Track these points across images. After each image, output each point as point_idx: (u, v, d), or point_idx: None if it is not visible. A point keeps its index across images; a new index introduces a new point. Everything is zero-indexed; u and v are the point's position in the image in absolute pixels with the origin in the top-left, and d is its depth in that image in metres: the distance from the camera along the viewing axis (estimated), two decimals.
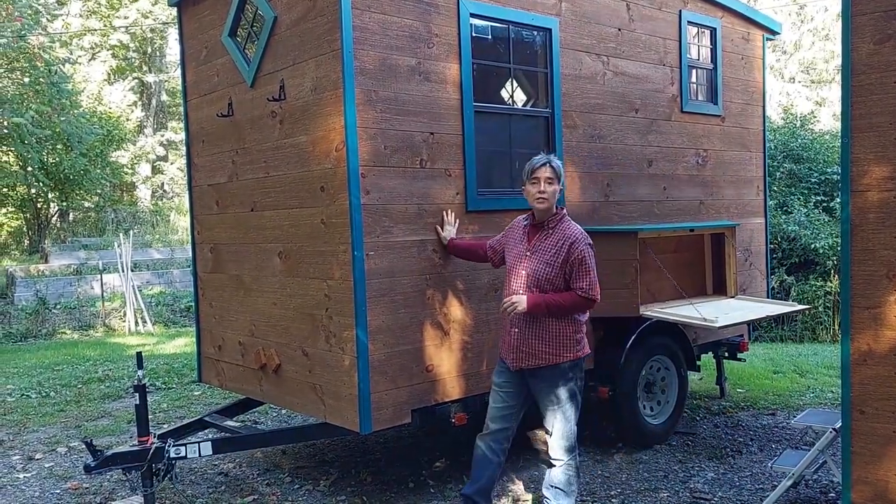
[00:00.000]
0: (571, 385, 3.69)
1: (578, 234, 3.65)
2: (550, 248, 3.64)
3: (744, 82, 6.31)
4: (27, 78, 17.62)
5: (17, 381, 8.21)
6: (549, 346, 3.63)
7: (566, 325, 3.65)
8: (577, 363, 3.72)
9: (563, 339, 3.64)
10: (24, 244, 20.96)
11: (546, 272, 3.61)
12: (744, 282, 6.17)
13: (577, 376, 3.72)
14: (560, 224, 3.70)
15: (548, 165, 3.68)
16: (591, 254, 3.63)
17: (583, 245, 3.61)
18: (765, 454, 5.09)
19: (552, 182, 3.68)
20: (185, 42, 5.33)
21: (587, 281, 3.59)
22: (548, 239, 3.67)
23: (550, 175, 3.67)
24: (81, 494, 4.62)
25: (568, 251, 3.59)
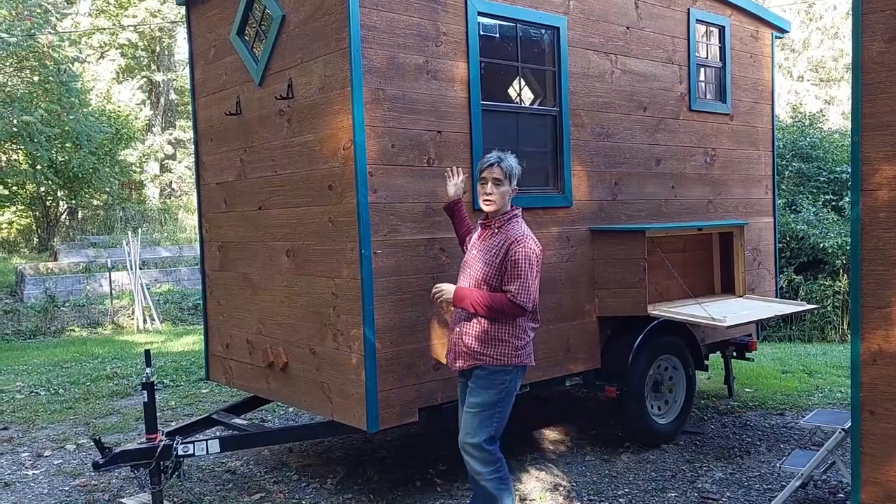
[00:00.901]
0: (498, 392, 3.43)
1: (519, 236, 3.44)
2: (492, 248, 3.48)
3: (752, 81, 6.28)
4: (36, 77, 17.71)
5: (26, 378, 8.25)
6: (486, 347, 3.44)
7: (507, 328, 3.43)
8: (512, 371, 3.46)
9: (501, 343, 3.43)
10: (34, 242, 21.07)
11: (485, 272, 3.45)
12: (752, 281, 6.15)
13: (507, 385, 3.45)
14: (507, 224, 3.52)
15: (497, 166, 3.51)
16: (527, 257, 3.39)
17: (520, 247, 3.40)
18: (773, 454, 5.07)
19: (500, 183, 3.50)
20: (193, 41, 5.34)
21: (517, 284, 3.37)
22: (492, 238, 3.52)
23: (499, 175, 3.50)
24: (90, 491, 4.64)
25: (506, 252, 3.42)
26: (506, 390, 3.45)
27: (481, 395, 3.44)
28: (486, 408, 3.43)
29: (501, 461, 3.49)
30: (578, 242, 4.95)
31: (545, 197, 4.80)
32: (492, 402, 3.43)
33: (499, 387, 3.44)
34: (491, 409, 3.44)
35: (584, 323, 5.00)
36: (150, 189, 25.97)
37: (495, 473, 3.45)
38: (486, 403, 3.43)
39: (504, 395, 3.45)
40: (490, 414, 3.43)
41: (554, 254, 4.81)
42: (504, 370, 3.44)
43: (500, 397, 3.44)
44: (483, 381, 3.45)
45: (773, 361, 8.20)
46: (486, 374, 3.44)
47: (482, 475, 3.44)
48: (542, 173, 4.89)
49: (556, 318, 4.82)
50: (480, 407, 3.44)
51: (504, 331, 3.44)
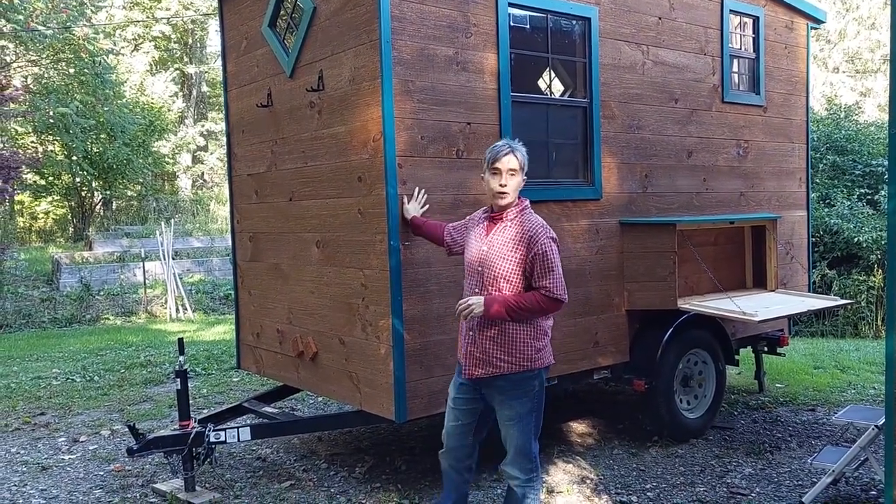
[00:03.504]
0: (530, 398, 3.29)
1: (539, 228, 3.25)
2: (508, 242, 3.26)
3: (787, 72, 6.18)
4: (72, 69, 18.03)
5: (62, 365, 8.44)
6: (506, 353, 3.25)
7: (527, 329, 3.26)
8: (538, 374, 3.30)
9: (522, 346, 3.25)
10: (69, 232, 21.50)
11: (503, 268, 3.24)
12: (784, 275, 6.06)
13: (536, 389, 3.30)
14: (520, 216, 3.31)
15: (512, 155, 3.29)
16: (553, 249, 3.22)
17: (544, 239, 3.21)
18: (804, 450, 5.01)
19: (515, 174, 3.30)
20: (225, 33, 5.40)
21: (551, 279, 3.18)
22: (506, 232, 3.29)
23: (514, 166, 3.29)
24: (124, 476, 4.74)
25: (528, 246, 3.20)
26: (537, 395, 3.31)
27: (515, 407, 3.29)
28: (524, 418, 3.29)
29: (538, 469, 3.40)
30: (608, 235, 4.93)
31: (575, 189, 4.78)
32: (528, 411, 3.30)
33: (529, 393, 3.28)
34: (528, 417, 3.30)
35: (613, 316, 4.98)
36: (183, 180, 26.34)
37: (530, 483, 3.36)
38: (522, 414, 3.29)
39: (536, 399, 3.31)
40: (528, 422, 3.30)
41: (583, 246, 4.79)
42: (530, 375, 3.27)
43: (533, 403, 3.30)
44: (513, 392, 3.28)
45: (805, 357, 8.09)
46: (513, 383, 3.27)
47: (518, 480, 3.35)
48: (571, 165, 4.87)
49: (585, 312, 4.80)
50: (518, 418, 3.29)
51: (524, 333, 3.25)
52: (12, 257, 14.17)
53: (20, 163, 14.15)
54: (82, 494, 4.47)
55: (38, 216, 22.87)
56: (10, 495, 4.47)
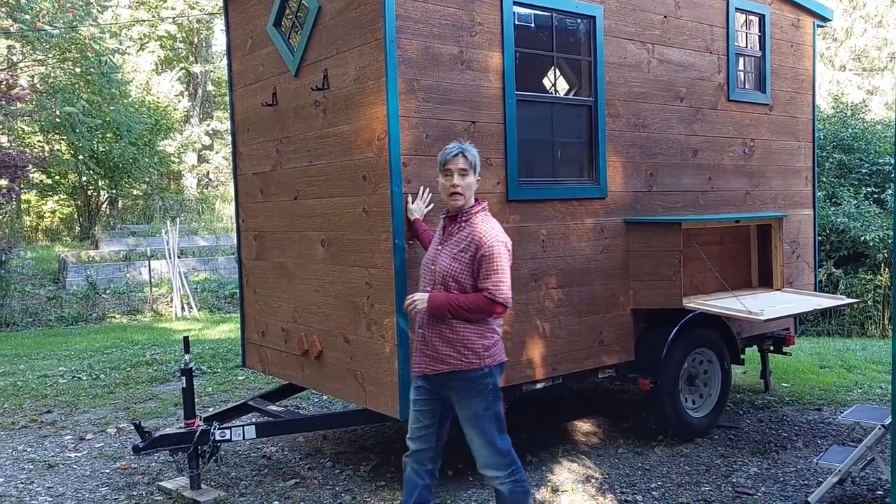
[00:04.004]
0: (484, 397, 3.26)
1: (489, 230, 3.25)
2: (459, 243, 3.28)
3: (793, 70, 6.16)
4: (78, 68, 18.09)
5: (68, 364, 8.48)
6: (454, 350, 3.24)
7: (473, 328, 3.25)
8: (489, 372, 3.28)
9: (469, 344, 3.24)
10: (76, 230, 21.58)
11: (452, 268, 3.26)
12: (791, 274, 6.05)
13: (490, 387, 3.28)
14: (474, 218, 3.32)
15: (461, 155, 3.31)
16: (501, 252, 3.21)
17: (492, 241, 3.21)
18: (810, 450, 4.99)
19: (466, 174, 3.31)
20: (231, 32, 5.41)
21: (494, 280, 3.18)
22: (459, 233, 3.31)
23: (464, 166, 3.30)
24: (130, 474, 4.76)
25: (476, 247, 3.22)
26: (491, 393, 3.29)
27: (472, 407, 3.29)
28: (481, 417, 3.29)
29: (517, 464, 3.36)
30: (613, 234, 4.92)
31: (580, 188, 4.77)
32: (484, 409, 3.29)
33: (483, 392, 3.28)
34: (485, 415, 3.29)
35: (618, 315, 4.97)
36: (188, 179, 26.39)
37: (511, 476, 3.32)
38: (479, 413, 3.29)
39: (491, 397, 3.30)
40: (487, 420, 3.29)
41: (588, 245, 4.79)
42: (482, 374, 3.27)
43: (488, 401, 3.28)
44: (466, 392, 3.29)
45: (811, 356, 8.07)
46: (465, 382, 3.28)
47: (498, 478, 3.33)
48: (576, 164, 4.86)
49: (590, 310, 4.80)
50: (475, 418, 3.29)
51: (470, 331, 3.25)
52: (19, 256, 14.24)
53: (27, 162, 14.21)
54: (88, 492, 4.48)
55: (45, 215, 22.95)
56: (17, 492, 4.49)
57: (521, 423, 5.47)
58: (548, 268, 4.58)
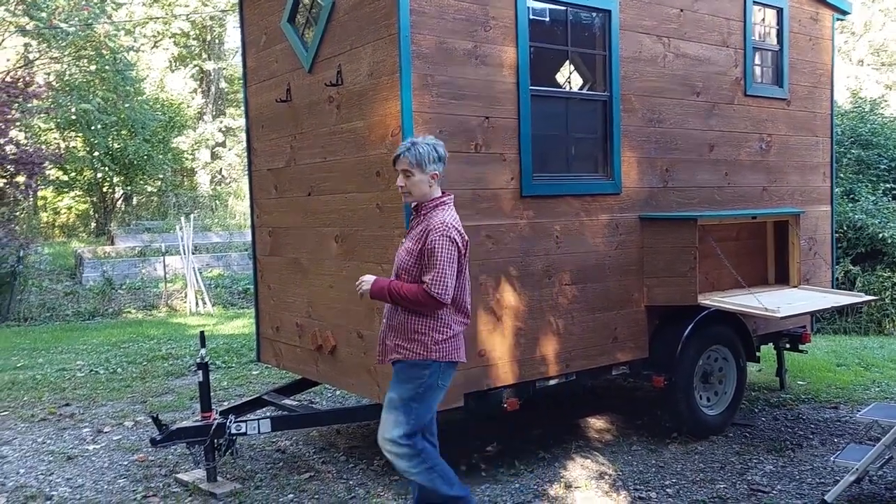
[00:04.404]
0: (414, 386, 3.28)
1: (439, 225, 3.25)
2: (415, 236, 3.33)
3: (811, 64, 6.10)
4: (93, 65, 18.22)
5: (86, 358, 8.55)
6: (405, 340, 3.30)
7: (427, 322, 3.28)
8: (430, 365, 3.28)
9: (420, 336, 3.27)
10: (91, 227, 21.74)
11: (405, 261, 3.32)
12: (807, 271, 5.99)
13: (424, 379, 3.28)
14: (432, 212, 3.34)
15: (403, 156, 3.33)
16: (444, 247, 3.20)
17: (436, 235, 3.21)
18: (826, 448, 4.95)
19: (409, 174, 3.33)
20: (245, 28, 5.42)
21: (431, 275, 3.19)
22: (417, 227, 3.36)
23: (406, 166, 3.32)
24: (147, 466, 4.80)
25: (423, 241, 3.25)
26: (424, 385, 3.28)
27: (396, 390, 3.32)
28: (401, 403, 3.30)
29: (425, 451, 3.36)
30: (627, 230, 4.89)
31: (594, 184, 4.75)
32: (407, 398, 3.29)
33: (415, 381, 3.28)
34: (406, 404, 3.29)
35: (632, 312, 4.95)
36: (202, 176, 26.51)
37: (421, 465, 3.32)
38: (400, 398, 3.30)
39: (422, 389, 3.29)
40: (406, 410, 3.29)
41: (602, 241, 4.77)
42: (422, 364, 3.27)
43: (416, 392, 3.28)
44: (400, 376, 3.32)
45: (828, 354, 8.00)
46: (403, 367, 3.31)
47: (408, 471, 3.35)
48: (591, 159, 4.84)
49: (604, 307, 4.78)
50: (394, 402, 3.31)
51: (423, 324, 3.28)
52: (36, 252, 14.37)
53: (43, 158, 14.34)
54: (107, 483, 4.52)
55: (61, 211, 23.14)
56: (38, 483, 4.54)
57: (534, 420, 5.47)
58: (562, 264, 4.57)
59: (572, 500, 4.15)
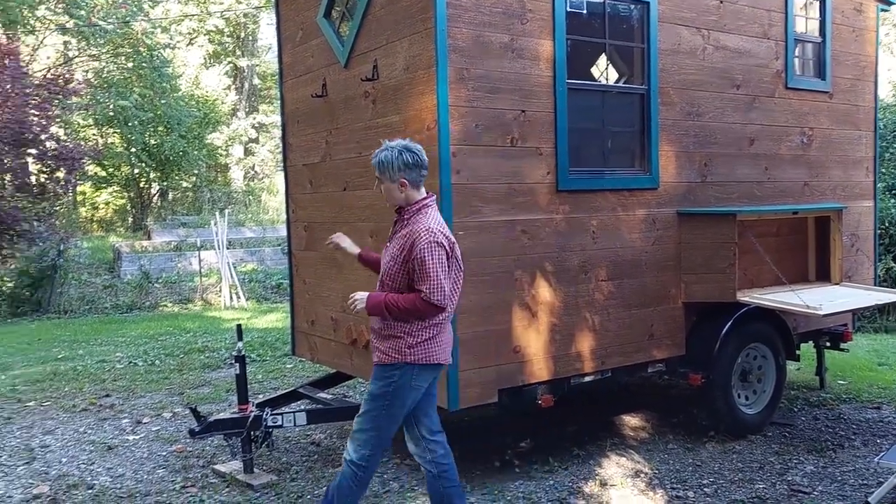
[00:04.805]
0: (385, 384, 3.28)
1: (423, 232, 3.20)
2: (399, 242, 3.28)
3: (854, 57, 5.95)
4: (131, 63, 18.52)
5: (124, 350, 8.72)
6: (382, 343, 3.31)
7: (404, 326, 3.26)
8: (404, 367, 3.27)
9: (394, 340, 3.27)
10: (129, 221, 22.13)
11: (389, 267, 3.29)
12: (849, 268, 5.86)
13: (395, 379, 3.27)
14: (415, 216, 3.29)
15: (372, 163, 3.36)
16: (433, 253, 3.18)
17: (423, 243, 3.17)
18: (869, 449, 4.84)
19: (380, 181, 3.34)
20: (281, 24, 5.46)
21: (428, 284, 3.16)
22: (400, 231, 3.32)
23: (377, 175, 3.34)
24: (185, 457, 4.87)
25: (410, 249, 3.20)
26: (393, 385, 3.27)
27: (372, 385, 3.35)
28: (371, 399, 3.32)
29: (370, 461, 3.35)
30: (665, 225, 4.83)
31: (631, 178, 4.70)
32: (376, 395, 3.30)
33: (386, 380, 3.28)
34: (375, 401, 3.30)
35: (669, 308, 4.88)
36: (235, 172, 26.80)
37: (354, 465, 3.33)
38: (371, 394, 3.33)
39: (391, 389, 3.28)
40: (375, 405, 3.30)
41: (639, 237, 4.71)
42: (393, 366, 3.27)
43: (385, 391, 3.28)
44: (377, 373, 3.34)
45: (869, 353, 7.82)
46: (379, 368, 3.34)
47: (348, 458, 3.35)
48: (628, 153, 4.79)
49: (640, 303, 4.72)
50: (370, 397, 3.34)
51: (399, 327, 3.27)
52: (76, 246, 14.66)
53: (82, 154, 14.60)
54: (146, 473, 4.60)
55: (100, 206, 23.59)
56: (80, 472, 4.64)
57: (568, 416, 5.43)
58: (598, 259, 4.52)
59: (608, 498, 4.11)
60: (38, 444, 5.18)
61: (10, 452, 5.02)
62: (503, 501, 4.06)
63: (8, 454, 4.99)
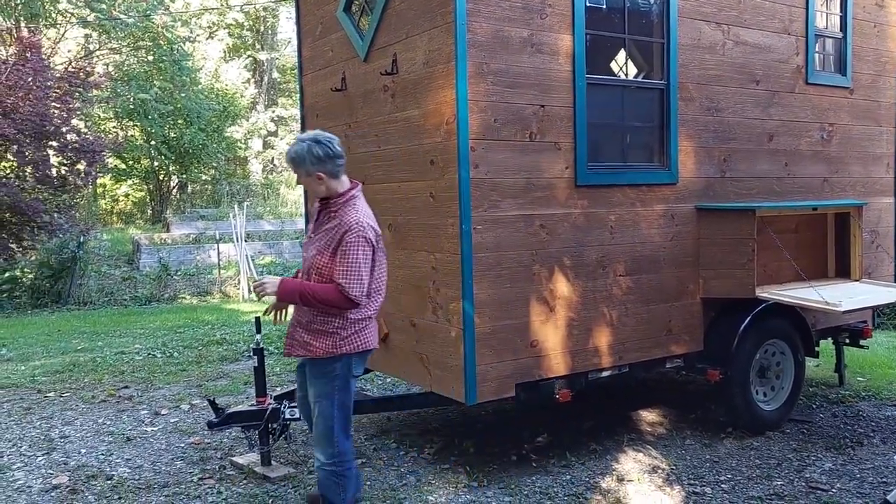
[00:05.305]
0: (329, 380, 3.33)
1: (353, 223, 3.22)
2: (327, 234, 3.29)
3: (876, 52, 5.88)
4: (151, 56, 18.67)
5: (143, 342, 8.81)
6: (314, 338, 3.30)
7: (333, 320, 3.28)
8: (340, 358, 3.32)
9: (327, 336, 3.28)
10: (148, 214, 22.34)
11: (317, 260, 3.27)
12: (869, 265, 5.81)
13: (337, 372, 3.33)
14: (343, 208, 3.30)
15: (289, 163, 3.35)
16: (359, 247, 3.19)
17: (351, 236, 3.19)
18: (889, 446, 4.81)
19: (299, 175, 3.33)
20: (301, 18, 5.48)
21: (347, 277, 3.17)
22: (328, 223, 3.32)
23: (294, 171, 3.34)
24: (203, 449, 4.92)
25: (338, 241, 3.22)
26: (337, 378, 3.34)
27: (316, 386, 3.38)
28: (321, 399, 3.36)
29: (344, 456, 3.39)
30: (683, 221, 4.81)
31: (650, 173, 4.68)
32: (327, 393, 3.35)
33: (328, 375, 3.34)
34: (325, 399, 3.35)
35: (687, 304, 4.87)
36: (254, 165, 26.97)
37: (331, 466, 3.37)
38: (321, 394, 3.36)
39: (337, 382, 3.34)
40: (326, 404, 3.34)
41: (657, 232, 4.69)
42: (332, 359, 3.32)
43: (332, 386, 3.34)
44: (315, 371, 3.37)
45: (889, 350, 7.74)
46: (315, 364, 3.36)
47: (321, 463, 3.40)
48: (647, 149, 4.77)
49: (658, 299, 4.71)
50: (317, 398, 3.37)
51: (330, 321, 3.29)
52: (95, 238, 14.83)
53: (103, 147, 14.75)
54: (164, 465, 4.66)
55: (119, 199, 23.83)
56: (98, 463, 4.70)
57: (585, 411, 5.43)
58: (616, 255, 4.51)
59: (625, 493, 4.12)
60: (58, 435, 5.26)
61: (29, 443, 5.10)
62: (520, 496, 4.08)
63: (28, 444, 5.06)
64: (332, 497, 3.43)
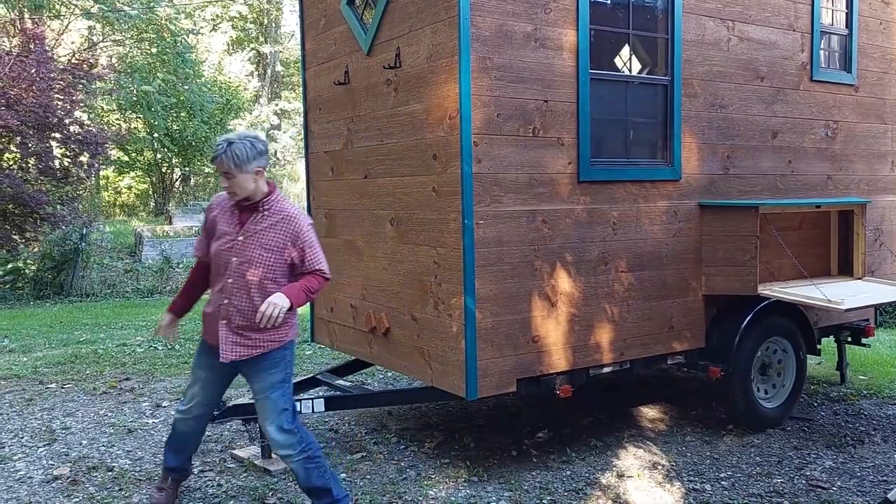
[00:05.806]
0: (282, 368, 3.43)
1: (299, 218, 3.38)
2: (269, 231, 3.33)
3: (881, 49, 5.86)
4: (154, 48, 18.64)
5: (144, 334, 8.82)
6: (265, 334, 3.36)
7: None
8: (290, 346, 3.48)
9: (279, 328, 3.38)
10: (150, 206, 22.34)
11: (266, 258, 3.32)
12: (872, 263, 5.79)
13: (288, 358, 3.48)
14: (278, 205, 3.38)
15: (219, 159, 3.29)
16: (314, 234, 3.43)
17: (306, 227, 3.38)
18: (889, 445, 4.80)
19: (231, 175, 3.28)
20: (304, 11, 5.46)
21: (322, 262, 3.43)
22: (264, 221, 3.35)
23: (225, 169, 3.28)
24: (204, 442, 4.91)
25: (293, 238, 3.34)
26: (289, 363, 3.50)
27: (265, 379, 3.41)
28: (277, 387, 3.41)
29: (306, 439, 3.45)
30: (686, 217, 4.80)
31: (653, 169, 4.67)
32: (280, 381, 3.43)
33: (281, 363, 3.45)
34: (281, 386, 3.43)
35: (690, 301, 4.86)
36: None
37: (302, 454, 3.42)
38: (275, 383, 3.41)
39: (289, 367, 3.51)
40: (283, 390, 3.43)
41: (660, 229, 4.68)
42: (282, 348, 3.44)
43: (285, 373, 3.47)
44: (265, 365, 3.41)
45: (891, 349, 7.73)
46: (267, 357, 3.41)
47: (291, 457, 3.42)
48: (650, 145, 4.75)
49: (660, 295, 4.71)
50: (272, 388, 3.40)
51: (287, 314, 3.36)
52: (98, 230, 14.84)
53: (106, 139, 14.74)
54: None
55: (122, 191, 23.84)
56: (100, 455, 4.71)
57: (585, 407, 5.43)
58: (618, 251, 4.51)
59: (624, 489, 4.12)
60: (59, 426, 5.27)
61: (31, 434, 5.11)
62: (520, 491, 4.08)
63: (29, 435, 5.08)
64: (319, 483, 3.46)
